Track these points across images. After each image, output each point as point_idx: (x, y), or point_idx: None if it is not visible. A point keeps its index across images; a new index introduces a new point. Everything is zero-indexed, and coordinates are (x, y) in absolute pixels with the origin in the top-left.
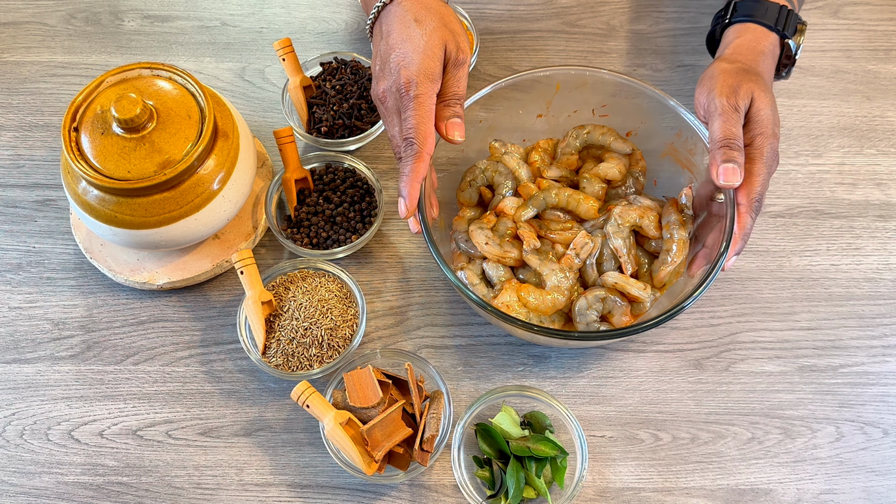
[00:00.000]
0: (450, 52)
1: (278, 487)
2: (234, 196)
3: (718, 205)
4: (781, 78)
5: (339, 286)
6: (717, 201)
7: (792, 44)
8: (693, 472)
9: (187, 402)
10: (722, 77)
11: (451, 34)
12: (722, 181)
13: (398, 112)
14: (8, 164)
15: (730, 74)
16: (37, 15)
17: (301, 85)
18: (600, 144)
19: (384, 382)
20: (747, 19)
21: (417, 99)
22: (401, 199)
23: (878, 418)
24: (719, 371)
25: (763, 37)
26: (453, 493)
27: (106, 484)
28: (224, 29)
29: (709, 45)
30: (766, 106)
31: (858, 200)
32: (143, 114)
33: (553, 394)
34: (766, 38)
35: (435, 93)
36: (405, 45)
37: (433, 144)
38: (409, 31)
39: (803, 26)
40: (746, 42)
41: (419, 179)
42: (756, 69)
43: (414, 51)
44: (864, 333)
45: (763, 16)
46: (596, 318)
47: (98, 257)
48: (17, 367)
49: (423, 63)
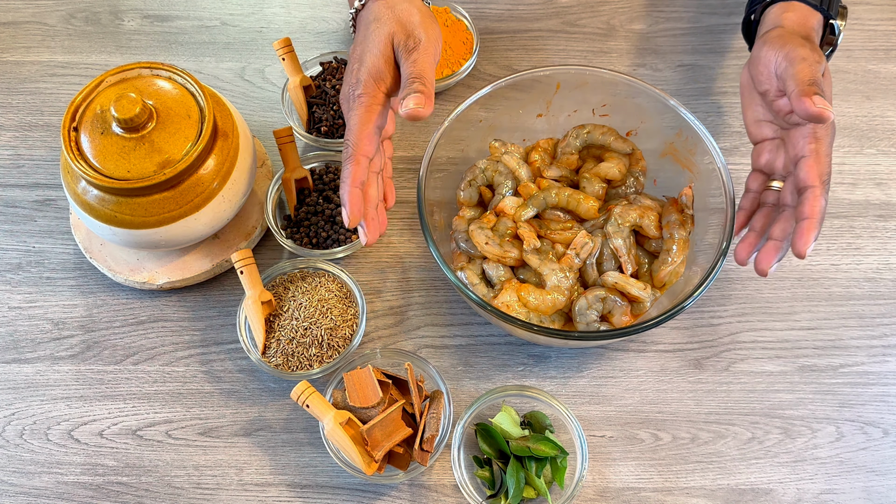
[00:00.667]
0: (398, 43)
1: (278, 487)
2: (233, 196)
3: (774, 193)
4: None
5: (339, 286)
6: (772, 189)
7: (836, 25)
8: (693, 471)
9: (187, 402)
10: (794, 38)
11: (402, 25)
12: (818, 105)
13: (347, 113)
14: (8, 164)
15: (800, 39)
16: (37, 15)
17: (301, 84)
18: (600, 144)
19: (384, 382)
20: None
21: (359, 99)
22: (342, 209)
23: (879, 418)
24: (719, 371)
25: (810, 15)
26: (453, 493)
27: (106, 484)
28: (224, 29)
29: (745, 31)
30: (830, 84)
31: (858, 200)
32: (142, 113)
33: (553, 394)
34: (812, 17)
35: (381, 91)
36: (359, 47)
37: (371, 148)
38: (366, 31)
39: (844, 10)
40: (796, 17)
41: (356, 184)
42: (815, 42)
43: (364, 51)
44: (864, 333)
45: None
46: (596, 318)
47: (98, 257)
48: (16, 367)
49: (370, 62)
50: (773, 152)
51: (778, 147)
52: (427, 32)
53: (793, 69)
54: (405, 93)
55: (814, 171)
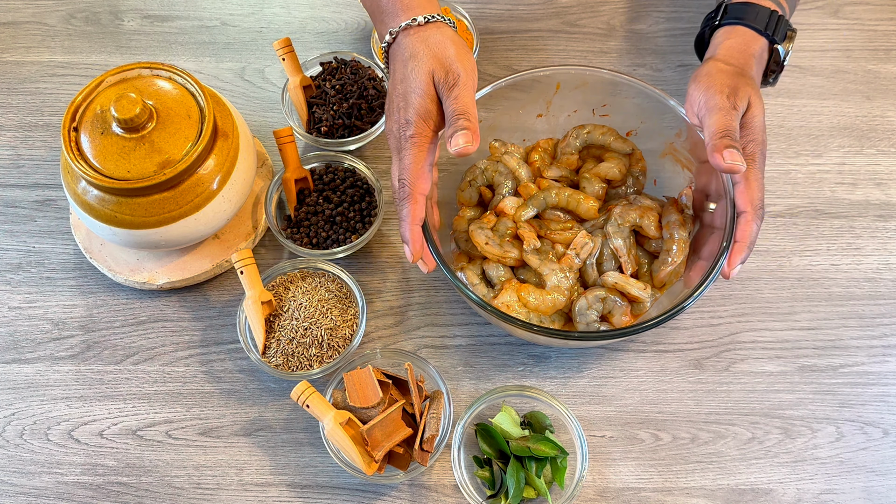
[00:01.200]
0: (438, 80)
1: (278, 487)
2: (233, 196)
3: (710, 215)
4: (768, 84)
5: (339, 286)
6: (708, 211)
7: (781, 50)
8: (693, 472)
9: (187, 402)
10: (720, 76)
11: (439, 62)
12: (728, 161)
13: (398, 152)
14: (8, 164)
15: (727, 75)
16: (37, 15)
17: (301, 85)
18: (600, 144)
19: (384, 382)
20: (737, 22)
21: (412, 139)
22: (405, 246)
23: (879, 418)
24: (719, 371)
25: (753, 41)
26: (453, 493)
27: (106, 484)
28: (224, 29)
29: (697, 47)
30: (760, 113)
31: (858, 200)
32: (142, 113)
33: (553, 394)
34: (755, 43)
35: (431, 130)
36: (401, 86)
37: (427, 185)
38: (405, 69)
39: (793, 33)
40: (736, 44)
41: (417, 222)
42: (749, 73)
43: (408, 91)
44: (864, 333)
45: (753, 20)
46: (596, 318)
47: (98, 257)
48: (16, 367)
49: (417, 103)
50: (710, 175)
51: (713, 171)
52: (464, 66)
53: (709, 119)
54: (452, 130)
55: (744, 197)
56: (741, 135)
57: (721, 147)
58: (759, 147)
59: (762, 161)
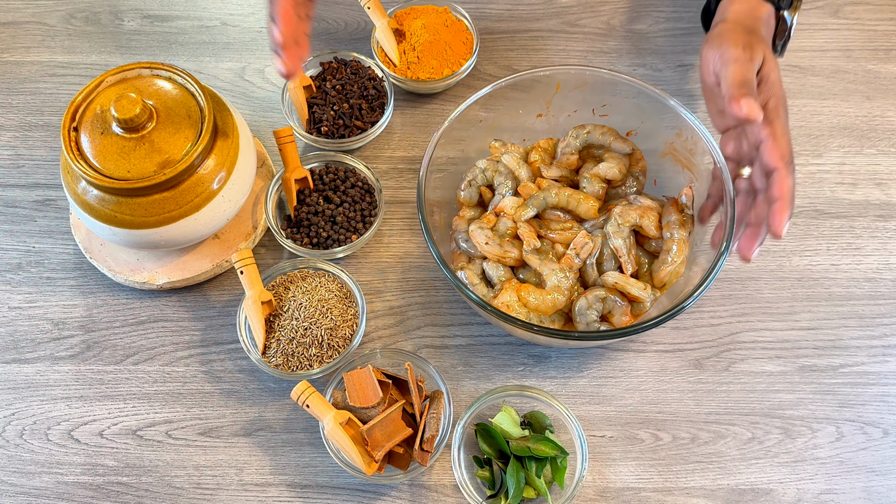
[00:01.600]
0: None
1: (278, 487)
2: (233, 196)
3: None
4: (776, 53)
5: (339, 286)
6: (742, 177)
7: (787, 16)
8: (693, 472)
9: (187, 402)
10: (732, 35)
11: None
12: (745, 111)
13: None
14: (8, 164)
15: (739, 33)
16: (37, 15)
17: (301, 84)
18: (600, 144)
19: (384, 382)
20: None
21: None
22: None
23: (879, 418)
24: (719, 371)
25: (759, 5)
26: (453, 493)
27: (106, 484)
28: (224, 29)
29: (703, 19)
30: (775, 67)
31: (858, 200)
32: (142, 113)
33: (553, 394)
34: (761, 7)
35: None
36: None
37: None
38: None
39: (798, 2)
40: (743, 9)
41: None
42: (759, 33)
43: None
44: (864, 333)
45: None
46: (596, 318)
47: (98, 257)
48: (16, 367)
49: None
50: (738, 140)
51: (741, 134)
52: None
53: (725, 71)
54: None
55: (775, 154)
56: (761, 90)
57: (739, 96)
58: (781, 101)
59: (785, 115)
